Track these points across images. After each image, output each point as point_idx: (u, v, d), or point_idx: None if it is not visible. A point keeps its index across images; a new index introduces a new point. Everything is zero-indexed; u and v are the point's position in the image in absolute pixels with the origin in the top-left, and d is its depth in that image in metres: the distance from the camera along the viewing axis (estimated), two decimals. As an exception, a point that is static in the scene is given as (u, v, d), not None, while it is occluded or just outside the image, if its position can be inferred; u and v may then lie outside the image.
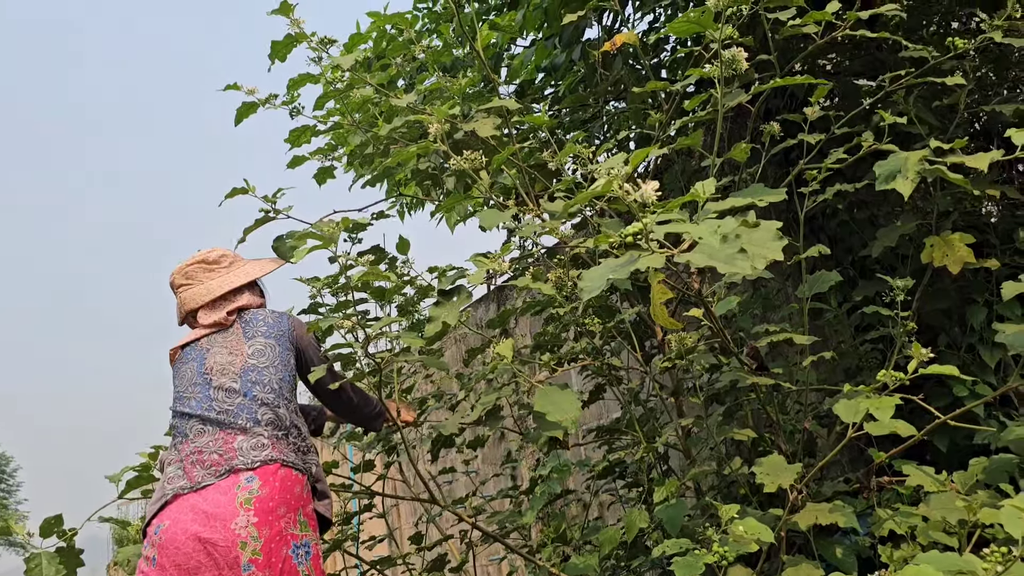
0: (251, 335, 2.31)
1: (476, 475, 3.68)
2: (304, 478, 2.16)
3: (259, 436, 2.13)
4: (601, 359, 2.27)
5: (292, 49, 2.28)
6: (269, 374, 2.24)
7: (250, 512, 2.02)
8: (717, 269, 1.23)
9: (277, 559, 2.01)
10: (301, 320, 2.42)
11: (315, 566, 2.11)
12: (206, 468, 2.08)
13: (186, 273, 2.41)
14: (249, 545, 1.99)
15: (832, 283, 2.19)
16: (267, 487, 2.06)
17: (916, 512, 1.97)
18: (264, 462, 2.09)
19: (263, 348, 2.29)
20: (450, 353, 5.80)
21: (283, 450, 2.14)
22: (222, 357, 2.26)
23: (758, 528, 1.55)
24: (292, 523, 2.07)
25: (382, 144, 2.39)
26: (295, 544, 2.06)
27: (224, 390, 2.20)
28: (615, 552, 2.68)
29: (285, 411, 2.21)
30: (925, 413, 1.97)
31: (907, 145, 2.18)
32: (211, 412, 2.17)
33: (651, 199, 1.21)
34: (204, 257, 2.43)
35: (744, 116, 2.77)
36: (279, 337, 2.32)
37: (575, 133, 2.42)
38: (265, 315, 2.37)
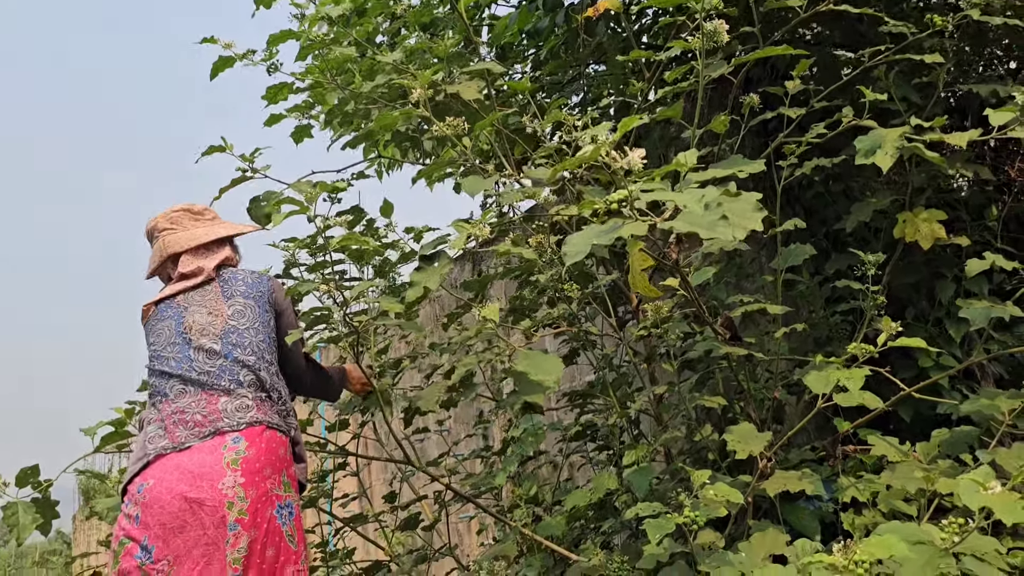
0: (230, 295, 2.28)
1: (448, 434, 3.71)
2: (287, 440, 2.18)
3: (243, 397, 2.13)
4: (578, 325, 2.29)
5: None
6: (250, 336, 2.22)
7: (237, 472, 2.03)
8: (699, 235, 1.25)
9: (262, 519, 2.03)
10: (280, 283, 2.39)
11: (297, 525, 2.14)
12: (189, 429, 2.08)
13: (171, 218, 2.36)
14: (236, 505, 2.00)
15: (806, 256, 2.23)
16: (253, 448, 2.07)
17: (879, 480, 2.03)
18: (249, 423, 2.09)
19: (243, 309, 2.26)
20: (424, 312, 5.80)
21: (267, 412, 2.14)
22: (201, 317, 2.23)
23: (728, 492, 1.60)
24: (277, 484, 2.09)
25: (363, 103, 2.36)
26: (279, 504, 2.08)
27: (204, 351, 2.18)
28: (584, 513, 2.74)
29: (266, 374, 2.19)
30: (891, 384, 2.02)
31: (885, 121, 2.20)
32: (192, 373, 2.15)
33: (637, 167, 1.22)
34: (189, 207, 2.39)
35: (725, 85, 2.77)
36: (258, 298, 2.29)
37: (556, 99, 2.41)
38: (244, 275, 2.33)
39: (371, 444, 4.76)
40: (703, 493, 1.65)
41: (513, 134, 2.30)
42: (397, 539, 2.97)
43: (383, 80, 2.01)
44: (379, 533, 2.98)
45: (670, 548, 1.75)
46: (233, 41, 2.25)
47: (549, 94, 3.09)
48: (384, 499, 3.02)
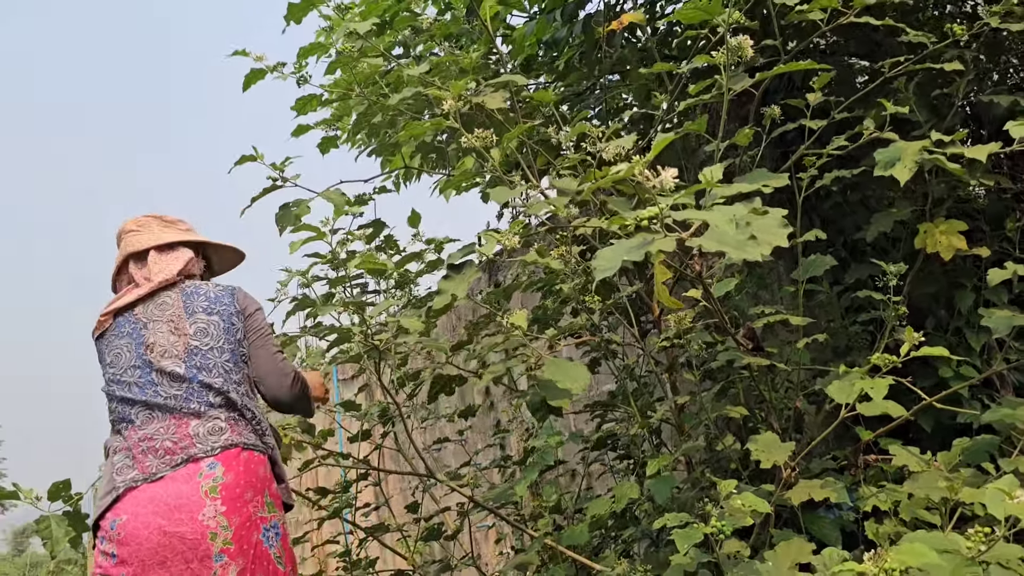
0: (192, 310, 2.13)
1: (466, 444, 3.73)
2: (266, 458, 2.08)
3: (214, 419, 2.02)
4: (600, 335, 2.31)
5: (309, 11, 2.26)
6: (214, 357, 2.08)
7: (217, 501, 1.93)
8: (728, 254, 1.28)
9: (249, 545, 1.95)
10: (249, 294, 2.25)
11: (284, 545, 2.05)
12: (159, 457, 1.96)
13: (139, 222, 2.27)
14: (220, 535, 1.91)
15: (827, 267, 2.24)
16: (231, 472, 1.97)
17: (901, 489, 2.04)
18: (224, 447, 1.99)
19: (205, 327, 2.12)
20: (441, 322, 5.83)
21: (242, 432, 2.04)
22: (163, 336, 2.09)
23: (755, 501, 1.61)
24: (260, 506, 2.00)
25: (389, 114, 2.40)
26: (265, 527, 1.99)
27: (167, 374, 2.04)
28: (605, 523, 2.75)
29: (236, 395, 2.07)
30: (911, 393, 2.03)
31: (905, 132, 2.22)
32: (157, 398, 2.03)
33: (670, 186, 1.24)
34: (161, 215, 2.31)
35: (743, 97, 2.79)
36: (222, 313, 2.15)
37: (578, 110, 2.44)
38: (207, 289, 2.19)
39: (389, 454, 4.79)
40: (729, 503, 1.66)
41: (536, 145, 2.33)
42: (418, 549, 3.00)
43: (410, 92, 2.04)
44: (400, 543, 3.00)
45: (696, 558, 1.76)
46: (264, 54, 2.29)
47: (571, 107, 3.12)
48: (406, 509, 3.04)
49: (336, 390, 6.57)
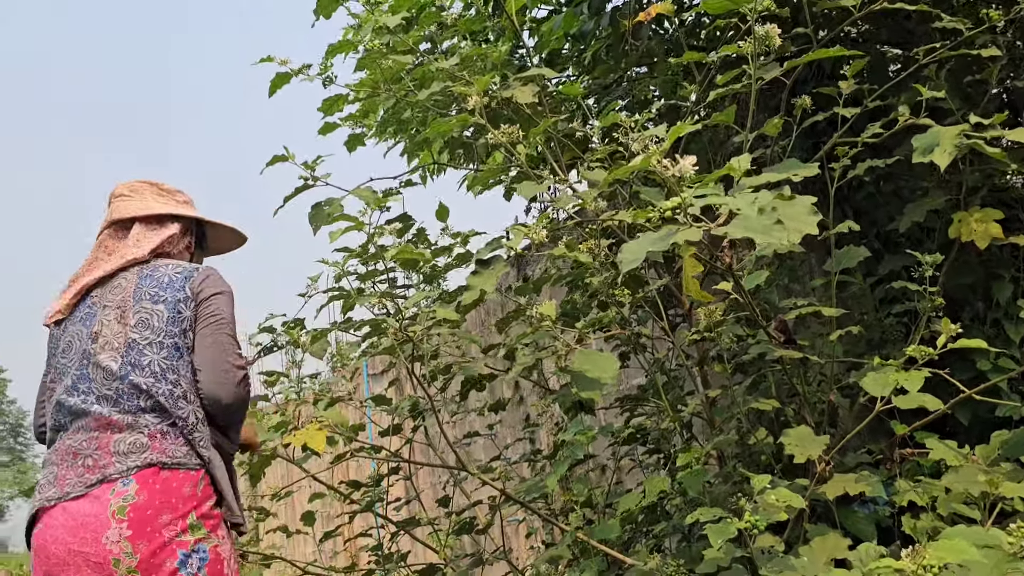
0: (139, 297, 1.92)
1: (496, 438, 3.74)
2: (198, 474, 1.83)
3: (139, 432, 1.82)
4: (629, 328, 2.30)
5: (338, 6, 2.26)
6: (150, 353, 1.86)
7: (123, 524, 1.73)
8: (755, 241, 1.26)
9: (159, 574, 1.72)
10: (216, 278, 1.99)
11: (211, 572, 1.79)
12: (78, 475, 1.80)
13: (132, 187, 2.08)
14: (123, 562, 1.71)
15: (860, 258, 2.21)
16: (145, 491, 1.76)
17: (938, 484, 2.01)
18: (141, 466, 1.78)
19: (148, 317, 1.90)
20: (470, 317, 5.84)
21: (167, 447, 1.81)
22: (108, 325, 1.90)
23: (789, 496, 1.59)
24: (180, 530, 1.77)
25: (417, 111, 2.40)
26: (183, 553, 1.76)
27: (102, 369, 1.86)
28: (635, 517, 2.74)
29: (167, 399, 1.84)
30: (947, 386, 2.00)
31: (939, 119, 2.18)
32: (91, 397, 1.86)
33: (689, 174, 1.23)
34: (159, 183, 2.11)
35: (773, 87, 2.76)
36: (169, 302, 1.91)
37: (606, 104, 2.43)
38: (164, 272, 1.95)
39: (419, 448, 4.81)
40: (763, 497, 1.64)
41: (563, 139, 2.32)
42: (449, 543, 3.01)
43: (438, 87, 2.04)
44: (431, 536, 3.01)
45: (730, 552, 1.75)
46: (288, 58, 2.30)
47: (598, 100, 3.10)
48: (437, 503, 3.05)
49: (366, 385, 6.62)
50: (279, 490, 2.88)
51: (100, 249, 2.02)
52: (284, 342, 2.44)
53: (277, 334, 2.44)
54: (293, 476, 7.54)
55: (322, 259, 2.27)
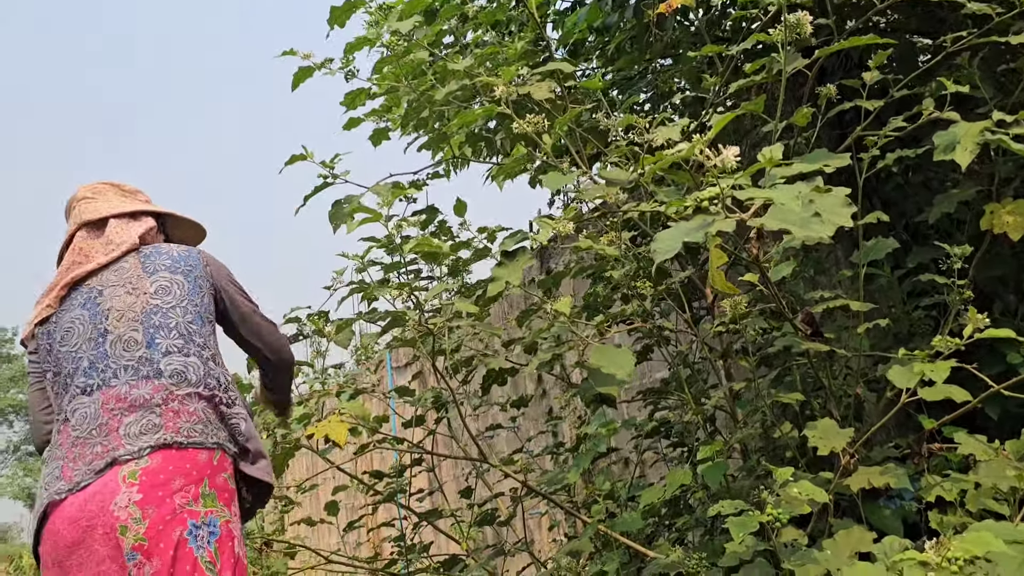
0: (153, 269, 1.89)
1: (519, 431, 3.74)
2: (212, 453, 1.76)
3: (152, 412, 1.73)
4: (651, 321, 2.29)
5: (351, 15, 2.27)
6: (176, 316, 1.83)
7: (133, 488, 1.64)
8: (792, 233, 1.25)
9: (167, 544, 1.62)
10: (217, 258, 2.03)
11: (222, 549, 1.69)
12: (87, 463, 1.71)
13: (95, 188, 2.05)
14: (131, 529, 1.61)
15: (889, 250, 2.18)
16: (159, 457, 1.69)
17: (966, 478, 1.98)
18: (154, 447, 1.70)
19: (168, 285, 1.87)
20: (493, 310, 5.84)
21: (181, 424, 1.74)
22: (120, 300, 1.84)
23: (812, 489, 1.58)
24: (192, 497, 1.67)
25: (437, 107, 2.40)
26: (193, 524, 1.65)
27: (123, 342, 1.79)
28: (658, 510, 2.74)
29: (197, 360, 1.81)
30: (976, 381, 1.97)
31: (968, 109, 2.14)
32: (107, 372, 1.77)
33: (731, 165, 1.22)
34: (119, 183, 2.09)
35: (798, 77, 2.73)
36: (188, 272, 1.91)
37: (627, 96, 2.41)
38: (170, 248, 1.96)
39: (442, 440, 4.83)
40: (785, 491, 1.63)
41: (585, 132, 2.31)
42: (471, 534, 3.01)
43: (456, 86, 2.04)
44: (454, 528, 3.02)
45: (754, 546, 1.73)
46: (311, 52, 2.30)
47: (621, 91, 3.09)
48: (460, 494, 3.06)
49: (390, 377, 6.65)
50: (303, 482, 2.90)
51: (76, 253, 1.95)
52: (309, 331, 2.45)
53: (302, 324, 2.45)
54: (318, 468, 7.61)
55: (343, 253, 2.27)
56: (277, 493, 2.70)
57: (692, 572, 2.06)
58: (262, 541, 2.86)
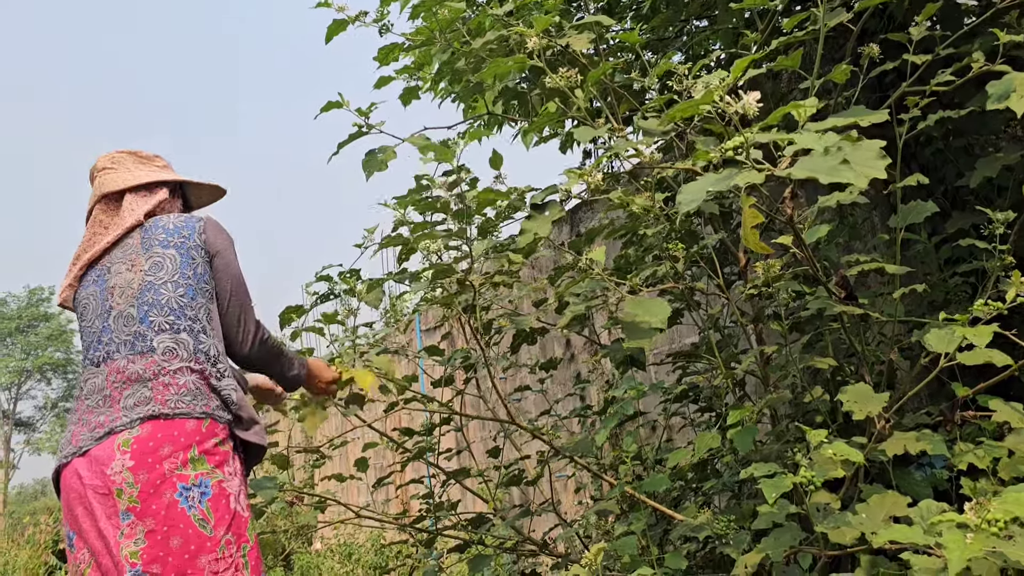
0: (148, 245, 1.98)
1: (546, 393, 3.75)
2: (200, 422, 1.85)
3: (145, 385, 1.85)
4: (683, 283, 2.27)
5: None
6: (167, 291, 1.92)
7: (127, 455, 1.77)
8: (819, 180, 1.22)
9: (159, 505, 1.74)
10: (219, 225, 2.07)
11: (215, 507, 1.80)
12: (90, 430, 1.86)
13: (113, 158, 2.12)
14: (125, 492, 1.75)
15: (928, 214, 2.14)
16: (148, 426, 1.81)
17: (1000, 445, 1.95)
18: (143, 418, 1.82)
19: (160, 260, 1.95)
20: (523, 274, 5.84)
21: (170, 397, 1.85)
22: (121, 276, 1.97)
23: (848, 451, 1.56)
24: (181, 463, 1.79)
25: (472, 60, 2.38)
26: (183, 486, 1.77)
27: (123, 318, 1.92)
28: (685, 474, 2.74)
29: (187, 335, 1.90)
30: (1014, 348, 1.93)
31: (1019, 68, 2.08)
32: (111, 346, 1.91)
33: (752, 111, 1.19)
34: (136, 151, 2.16)
35: (838, 36, 2.67)
36: (180, 245, 1.97)
37: (666, 54, 2.37)
38: (168, 220, 2.02)
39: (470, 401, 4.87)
40: (819, 453, 1.62)
41: (619, 90, 2.28)
42: (498, 495, 3.04)
43: (493, 36, 2.01)
44: (481, 488, 3.05)
45: (787, 509, 1.73)
46: (345, 4, 2.28)
47: (654, 52, 3.04)
48: (488, 454, 3.08)
49: (419, 339, 6.69)
50: (334, 438, 2.94)
51: (96, 224, 2.08)
52: (340, 290, 2.47)
53: (333, 283, 2.46)
54: (348, 427, 7.71)
55: (383, 201, 2.27)
56: (309, 447, 2.74)
57: (720, 534, 2.06)
58: (292, 495, 2.90)
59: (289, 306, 2.51)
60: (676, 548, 2.49)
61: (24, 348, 36.46)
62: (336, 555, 6.57)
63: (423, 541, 2.90)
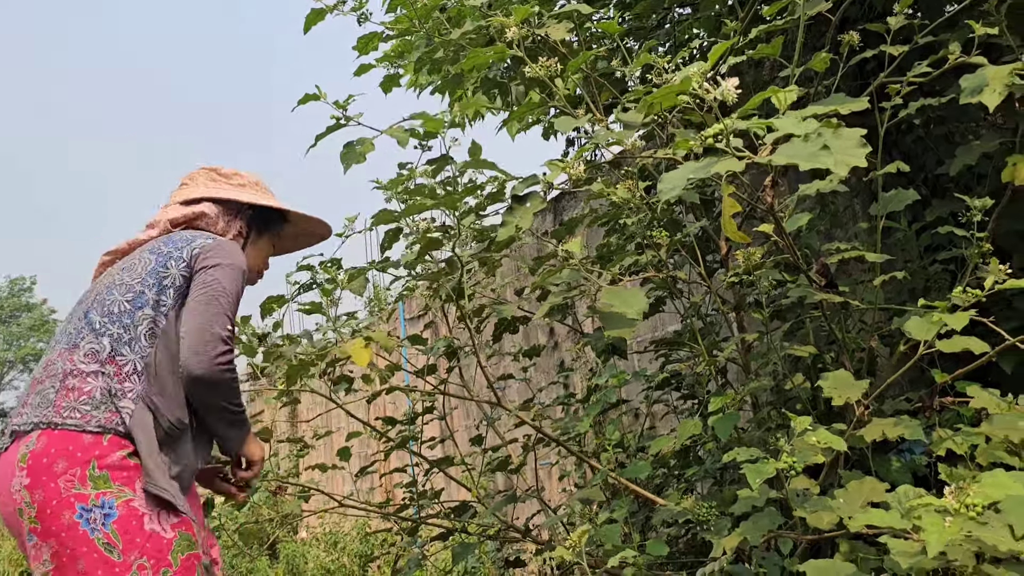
0: (143, 249, 1.92)
1: (530, 382, 3.76)
2: (99, 437, 1.69)
3: (52, 386, 1.74)
4: (665, 271, 2.28)
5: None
6: (117, 294, 1.81)
7: (23, 472, 1.65)
8: (799, 167, 1.22)
9: (58, 527, 1.62)
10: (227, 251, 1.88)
11: (123, 529, 1.63)
12: (10, 425, 1.79)
13: (191, 176, 2.11)
14: (25, 512, 1.65)
15: (909, 201, 2.15)
16: (44, 438, 1.69)
17: (978, 431, 1.98)
18: (36, 425, 1.71)
19: (135, 263, 1.86)
20: (506, 263, 5.84)
21: (69, 403, 1.72)
22: (107, 276, 1.91)
23: (830, 438, 1.57)
24: (78, 480, 1.63)
25: (451, 50, 2.36)
26: (82, 508, 1.62)
27: (79, 313, 1.85)
28: (668, 461, 2.75)
29: (109, 341, 1.76)
30: (992, 336, 1.95)
31: (996, 58, 2.09)
32: (58, 338, 1.85)
33: (731, 97, 1.19)
34: (217, 167, 2.11)
35: (819, 25, 2.67)
36: (160, 253, 1.85)
37: (646, 43, 2.37)
38: (180, 233, 1.94)
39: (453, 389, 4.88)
40: (800, 440, 1.63)
41: (601, 79, 2.27)
42: (482, 483, 3.05)
43: (472, 26, 2.00)
44: (465, 476, 3.06)
45: (767, 494, 1.74)
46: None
47: (636, 40, 3.03)
48: (471, 442, 3.09)
49: (403, 327, 6.69)
50: (314, 418, 2.94)
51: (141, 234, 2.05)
52: (322, 279, 2.46)
53: (315, 272, 2.45)
54: (331, 417, 7.70)
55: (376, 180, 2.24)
56: (293, 437, 2.74)
57: (702, 520, 2.07)
58: (276, 484, 2.90)
59: (270, 296, 2.49)
60: (658, 534, 2.51)
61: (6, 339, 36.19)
62: (322, 544, 6.58)
63: (407, 530, 2.91)
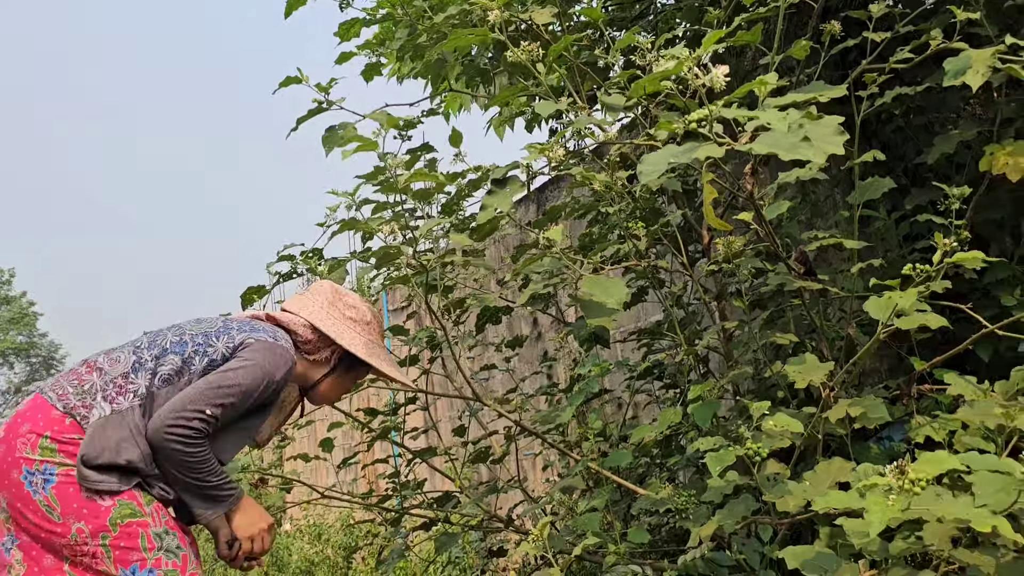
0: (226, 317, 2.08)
1: (513, 373, 3.76)
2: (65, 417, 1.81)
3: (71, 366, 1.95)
4: (647, 261, 2.28)
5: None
6: (171, 334, 1.94)
7: (3, 426, 1.85)
8: (780, 156, 1.23)
9: (10, 482, 1.77)
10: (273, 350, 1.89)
11: (60, 495, 1.75)
12: None
13: (319, 286, 2.10)
14: None
15: (885, 190, 2.16)
16: (32, 402, 1.85)
17: (954, 418, 1.99)
18: (40, 391, 1.89)
19: (210, 321, 1.99)
20: (489, 253, 5.83)
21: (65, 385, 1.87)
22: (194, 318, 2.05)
23: (788, 422, 1.59)
24: (31, 445, 1.77)
25: (434, 35, 2.35)
26: (27, 470, 1.76)
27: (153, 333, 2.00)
28: (650, 450, 2.76)
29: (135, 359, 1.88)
30: (970, 323, 1.97)
31: (977, 45, 2.10)
32: None
33: (720, 84, 1.19)
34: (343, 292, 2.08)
35: (802, 13, 2.68)
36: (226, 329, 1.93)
37: (628, 31, 2.37)
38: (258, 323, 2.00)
39: (436, 380, 4.87)
40: (764, 425, 1.64)
41: (584, 67, 2.27)
42: (466, 474, 3.05)
43: (455, 10, 1.99)
44: (448, 466, 3.06)
45: (735, 480, 1.75)
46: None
47: (619, 29, 3.03)
48: (453, 432, 3.09)
49: (386, 317, 6.67)
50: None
51: None
52: (303, 270, 2.45)
53: (296, 262, 2.44)
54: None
55: (332, 190, 2.23)
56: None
57: (681, 508, 2.08)
58: (258, 476, 2.89)
59: (251, 286, 2.48)
60: (639, 523, 2.52)
61: (-15, 332, 35.85)
62: (306, 536, 6.57)
63: (390, 520, 2.91)
